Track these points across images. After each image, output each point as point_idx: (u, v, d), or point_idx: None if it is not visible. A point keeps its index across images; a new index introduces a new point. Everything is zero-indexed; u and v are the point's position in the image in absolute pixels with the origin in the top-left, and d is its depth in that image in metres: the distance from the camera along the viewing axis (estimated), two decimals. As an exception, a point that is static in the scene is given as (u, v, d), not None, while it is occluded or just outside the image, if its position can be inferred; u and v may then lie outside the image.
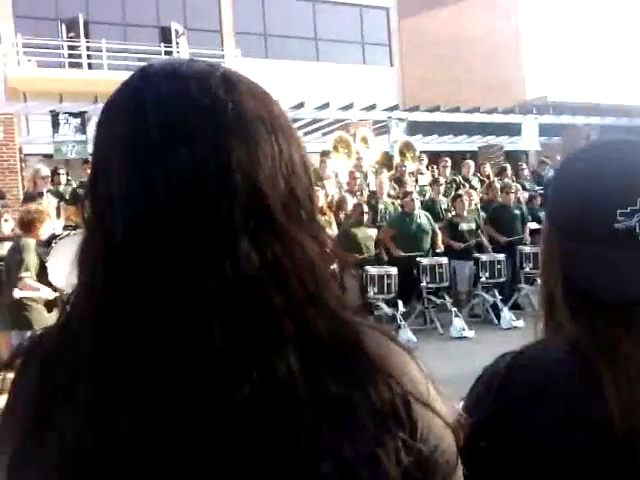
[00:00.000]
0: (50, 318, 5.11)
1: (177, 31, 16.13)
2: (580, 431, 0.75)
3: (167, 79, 0.58)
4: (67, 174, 9.10)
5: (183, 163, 0.55)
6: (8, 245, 5.88)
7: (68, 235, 5.94)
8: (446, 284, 8.12)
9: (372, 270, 7.60)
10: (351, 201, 8.55)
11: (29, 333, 0.70)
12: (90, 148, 9.98)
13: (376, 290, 7.45)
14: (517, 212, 8.93)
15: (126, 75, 0.63)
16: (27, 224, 5.49)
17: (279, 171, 0.58)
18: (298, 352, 0.55)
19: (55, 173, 9.10)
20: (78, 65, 14.99)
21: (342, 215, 8.42)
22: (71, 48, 15.16)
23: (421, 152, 12.00)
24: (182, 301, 0.54)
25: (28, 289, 5.27)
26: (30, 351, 0.64)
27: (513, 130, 14.28)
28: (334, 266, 0.62)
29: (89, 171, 0.62)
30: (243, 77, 0.62)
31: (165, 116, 0.56)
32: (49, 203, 7.59)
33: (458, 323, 7.66)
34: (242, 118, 0.58)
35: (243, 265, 0.54)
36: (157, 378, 0.54)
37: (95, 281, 0.56)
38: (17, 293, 5.20)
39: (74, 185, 8.85)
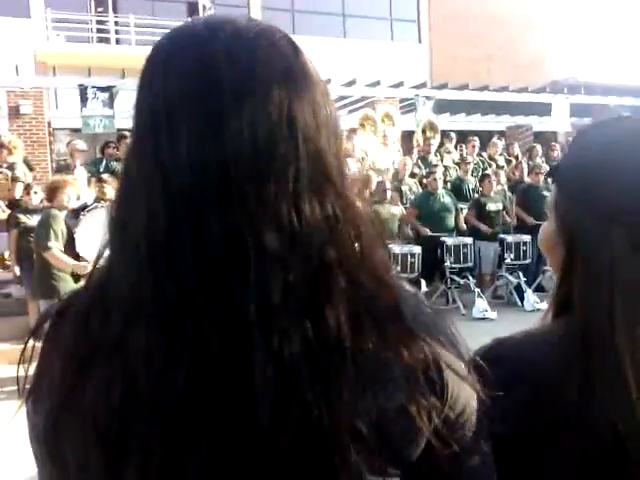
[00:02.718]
0: (77, 287, 5.21)
1: (204, 6, 16.06)
2: (544, 422, 0.74)
3: (235, 36, 0.59)
4: (117, 148, 9.10)
5: (256, 120, 0.56)
6: (38, 217, 6.00)
7: (96, 207, 6.02)
8: (470, 264, 8.08)
9: (396, 249, 7.58)
10: (376, 179, 8.52)
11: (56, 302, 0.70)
12: (118, 123, 10.10)
13: (399, 269, 7.45)
14: (546, 193, 8.80)
15: None
16: (50, 192, 5.62)
17: (332, 135, 0.61)
18: (346, 307, 0.57)
19: (106, 147, 9.15)
20: (106, 40, 15.04)
21: (367, 193, 8.39)
22: (99, 23, 15.21)
23: (448, 131, 11.85)
24: (245, 253, 0.54)
25: (55, 260, 5.38)
26: (62, 311, 0.65)
27: (543, 110, 13.99)
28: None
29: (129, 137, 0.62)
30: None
31: (237, 73, 0.56)
32: (78, 175, 7.69)
33: (481, 304, 7.64)
34: (308, 81, 0.60)
35: (306, 221, 0.56)
36: (213, 327, 0.54)
37: (154, 228, 0.55)
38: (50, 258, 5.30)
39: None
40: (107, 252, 0.62)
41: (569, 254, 0.81)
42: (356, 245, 0.59)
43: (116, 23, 15.34)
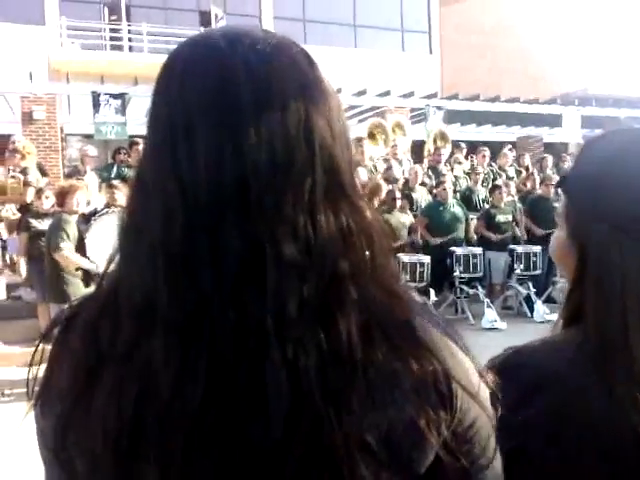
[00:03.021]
0: (87, 292, 5.24)
1: (217, 15, 16.18)
2: (572, 429, 0.73)
3: (253, 48, 0.59)
4: (128, 154, 9.18)
5: (274, 134, 0.56)
6: (48, 221, 6.04)
7: (106, 213, 6.05)
8: (479, 274, 8.05)
9: (405, 258, 7.57)
10: (386, 188, 8.52)
11: (66, 306, 0.70)
12: (130, 129, 10.17)
13: (408, 278, 7.43)
14: (556, 205, 8.76)
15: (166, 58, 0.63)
16: (59, 196, 5.66)
17: (345, 147, 0.61)
18: (357, 318, 0.57)
19: (117, 153, 9.23)
20: (119, 48, 15.17)
21: (376, 202, 8.38)
22: (113, 31, 15.35)
23: (458, 141, 11.85)
24: (263, 264, 0.55)
25: (64, 260, 5.41)
26: (72, 316, 0.65)
27: (553, 121, 13.97)
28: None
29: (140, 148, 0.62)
30: None
31: (256, 87, 0.57)
32: (89, 181, 7.75)
33: (490, 314, 7.59)
34: (323, 94, 0.61)
35: (322, 233, 0.57)
36: (230, 337, 0.54)
37: (171, 238, 0.56)
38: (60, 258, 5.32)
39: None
40: (117, 258, 0.62)
41: (580, 263, 0.81)
42: (367, 256, 0.60)
43: (129, 31, 15.48)
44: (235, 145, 0.55)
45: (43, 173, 8.35)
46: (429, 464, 0.58)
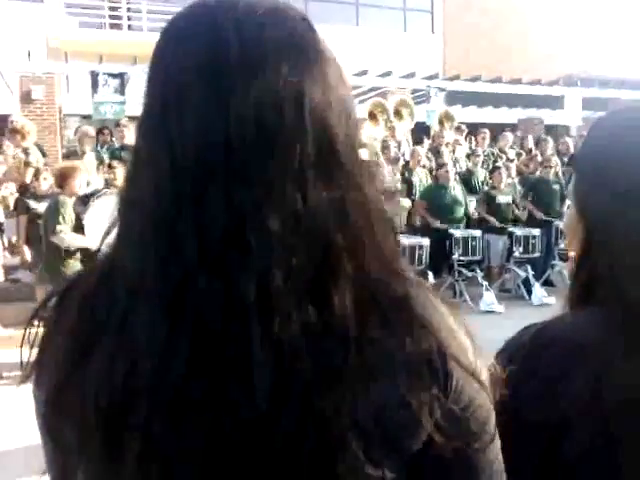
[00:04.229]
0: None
1: (217, -7, 15.99)
2: (609, 405, 0.74)
3: (246, 12, 0.58)
4: (111, 134, 9.17)
5: (262, 98, 0.55)
6: (46, 203, 6.03)
7: (105, 194, 6.04)
8: (478, 257, 8.06)
9: (404, 240, 7.56)
10: (387, 169, 8.48)
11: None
12: (128, 109, 10.11)
13: (407, 261, 7.43)
14: (556, 187, 8.75)
15: None
16: (60, 179, 5.63)
17: (344, 115, 0.59)
18: (352, 293, 0.56)
19: (100, 133, 9.18)
20: (118, 26, 15.02)
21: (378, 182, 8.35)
22: (112, 9, 15.18)
23: (459, 123, 11.78)
24: (246, 235, 0.54)
25: (64, 242, 5.41)
26: (67, 290, 0.65)
27: (555, 103, 13.88)
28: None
29: (126, 129, 0.62)
30: None
31: (246, 50, 0.56)
32: (88, 161, 7.72)
33: (488, 297, 7.62)
34: (320, 60, 0.59)
35: (311, 202, 0.55)
36: (214, 310, 0.54)
37: (160, 207, 0.55)
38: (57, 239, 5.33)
39: (116, 146, 8.89)
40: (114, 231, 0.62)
41: (587, 235, 0.83)
42: (366, 231, 0.58)
43: (128, 9, 15.31)
44: (222, 107, 0.54)
45: (43, 154, 8.31)
46: (423, 444, 0.57)
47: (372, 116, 10.45)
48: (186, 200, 0.54)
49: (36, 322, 0.68)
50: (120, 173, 6.61)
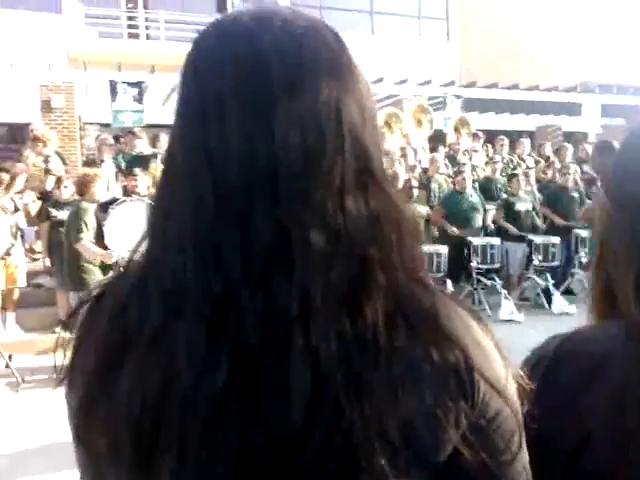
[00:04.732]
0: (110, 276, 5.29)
1: (233, 2, 16.13)
2: (632, 419, 0.72)
3: (284, 29, 0.58)
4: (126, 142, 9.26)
5: (306, 116, 0.55)
6: (68, 210, 6.10)
7: (125, 201, 6.09)
8: (497, 265, 7.99)
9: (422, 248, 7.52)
10: (404, 177, 8.47)
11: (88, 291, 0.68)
12: (146, 117, 10.21)
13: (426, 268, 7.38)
14: (575, 195, 8.67)
15: (183, 46, 0.63)
16: (80, 186, 5.70)
17: (375, 130, 0.61)
18: (383, 305, 0.56)
19: (117, 141, 9.28)
20: (136, 36, 15.19)
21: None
22: (130, 19, 15.37)
23: (476, 130, 11.74)
24: (290, 250, 0.54)
25: (85, 251, 5.47)
26: (98, 298, 0.65)
27: (573, 110, 13.80)
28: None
29: (138, 140, 0.62)
30: None
31: (287, 69, 0.56)
32: (107, 169, 7.80)
33: (507, 306, 7.54)
34: (354, 77, 0.60)
35: (351, 219, 0.56)
36: (255, 324, 0.54)
37: (202, 222, 0.55)
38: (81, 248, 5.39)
39: (133, 153, 8.97)
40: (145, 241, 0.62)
41: (599, 242, 0.84)
42: (395, 243, 0.59)
43: (146, 19, 15.48)
44: (266, 127, 0.55)
45: (63, 161, 8.40)
46: (448, 456, 0.57)
47: (387, 125, 10.45)
48: (230, 216, 0.55)
49: (61, 329, 0.68)
50: (142, 181, 6.66)
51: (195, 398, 0.54)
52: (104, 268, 5.53)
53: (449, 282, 7.58)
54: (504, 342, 0.63)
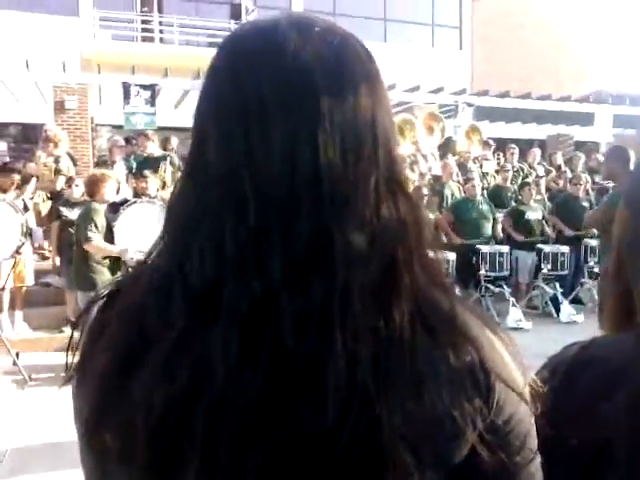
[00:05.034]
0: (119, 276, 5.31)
1: (247, 8, 16.21)
2: None
3: (323, 39, 0.60)
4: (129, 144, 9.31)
5: (346, 122, 0.57)
6: (79, 210, 6.13)
7: (136, 202, 6.12)
8: (505, 273, 7.96)
9: (430, 255, 7.50)
10: (415, 184, 8.45)
11: (92, 294, 0.67)
12: (158, 120, 10.26)
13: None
14: (586, 204, 8.63)
15: (196, 50, 0.63)
16: (90, 186, 5.72)
17: (396, 140, 0.63)
18: (408, 306, 0.58)
19: (128, 143, 9.31)
20: (150, 39, 15.30)
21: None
22: (144, 22, 15.48)
23: (487, 138, 11.71)
24: (332, 254, 0.56)
25: (95, 250, 5.49)
26: (110, 298, 0.65)
27: (585, 120, 13.74)
28: None
29: (148, 142, 0.62)
30: None
31: (329, 78, 0.58)
32: (117, 171, 7.85)
33: (515, 314, 7.51)
34: (382, 86, 0.62)
35: (383, 220, 0.58)
36: (292, 326, 0.55)
37: (244, 225, 0.56)
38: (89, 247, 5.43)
39: (144, 155, 9.00)
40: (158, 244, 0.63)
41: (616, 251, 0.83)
42: (418, 247, 0.61)
43: (160, 23, 15.60)
44: (309, 133, 0.56)
45: (73, 162, 8.46)
46: (465, 456, 0.58)
47: (400, 131, 10.44)
48: (273, 219, 0.55)
49: (69, 328, 0.68)
50: (152, 183, 6.68)
51: (229, 398, 0.54)
52: (113, 268, 5.55)
53: (457, 289, 7.52)
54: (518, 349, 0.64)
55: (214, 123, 0.59)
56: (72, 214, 6.50)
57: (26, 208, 6.66)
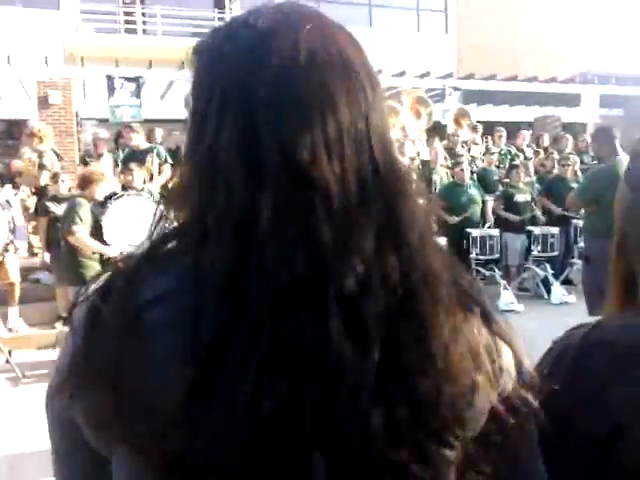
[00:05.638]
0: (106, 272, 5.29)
1: (230, -3, 16.06)
2: None
3: (323, 37, 0.61)
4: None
5: (342, 127, 0.58)
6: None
7: (123, 195, 6.08)
8: (496, 256, 7.99)
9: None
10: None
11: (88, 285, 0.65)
12: (144, 112, 10.18)
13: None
14: (574, 185, 8.65)
15: (180, 41, 0.62)
16: (84, 181, 5.69)
17: (390, 139, 0.64)
18: (422, 284, 0.60)
19: (119, 136, 9.18)
20: (133, 31, 15.15)
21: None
22: (127, 14, 15.32)
23: (475, 122, 11.71)
24: (356, 243, 0.57)
25: (79, 243, 5.45)
26: (105, 293, 0.61)
27: (572, 101, 13.77)
28: None
29: (133, 134, 0.62)
30: None
31: (324, 75, 0.58)
32: (105, 164, 7.79)
33: (507, 296, 7.55)
34: (376, 80, 0.63)
35: (400, 219, 0.60)
36: (316, 316, 0.55)
37: (267, 216, 0.55)
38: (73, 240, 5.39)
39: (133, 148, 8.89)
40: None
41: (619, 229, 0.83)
42: (425, 238, 0.63)
43: (143, 14, 15.43)
44: (307, 139, 0.56)
45: (58, 157, 8.38)
46: (482, 429, 0.62)
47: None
48: (290, 219, 0.56)
49: (61, 324, 0.66)
50: (137, 175, 6.63)
51: (257, 404, 0.54)
52: (103, 263, 5.52)
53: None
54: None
55: (221, 123, 0.58)
56: (60, 210, 6.45)
57: (9, 204, 6.57)
